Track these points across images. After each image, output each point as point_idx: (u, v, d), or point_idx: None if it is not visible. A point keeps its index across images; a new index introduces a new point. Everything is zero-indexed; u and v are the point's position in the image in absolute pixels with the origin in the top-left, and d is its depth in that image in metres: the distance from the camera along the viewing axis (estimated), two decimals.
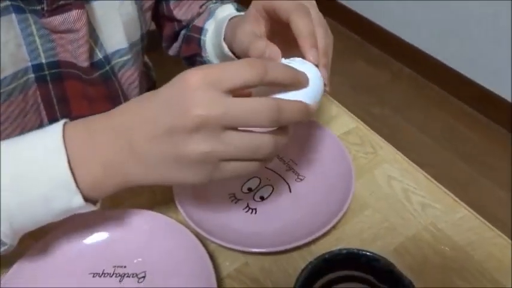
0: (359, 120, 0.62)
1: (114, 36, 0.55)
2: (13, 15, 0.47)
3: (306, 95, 0.37)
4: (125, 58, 0.58)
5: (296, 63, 0.39)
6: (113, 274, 0.44)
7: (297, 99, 0.36)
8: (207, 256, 0.42)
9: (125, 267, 0.44)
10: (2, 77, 0.48)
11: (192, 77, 0.33)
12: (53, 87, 0.54)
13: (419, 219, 0.49)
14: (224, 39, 0.55)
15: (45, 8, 0.47)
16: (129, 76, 0.60)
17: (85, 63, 0.52)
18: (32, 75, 0.52)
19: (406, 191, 0.52)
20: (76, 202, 0.36)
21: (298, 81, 0.37)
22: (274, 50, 0.40)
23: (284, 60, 0.40)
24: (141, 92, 0.63)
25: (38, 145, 0.36)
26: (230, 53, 0.54)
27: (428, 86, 1.96)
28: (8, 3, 0.46)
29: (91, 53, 0.53)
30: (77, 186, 0.35)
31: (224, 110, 0.32)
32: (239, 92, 0.34)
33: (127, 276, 0.43)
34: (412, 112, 1.83)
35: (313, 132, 0.56)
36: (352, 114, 0.63)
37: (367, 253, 0.38)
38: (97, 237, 0.46)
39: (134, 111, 0.36)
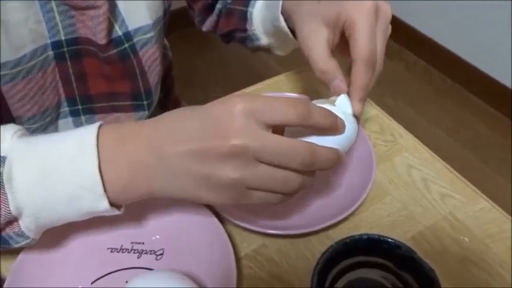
0: (379, 108, 0.61)
1: (137, 12, 0.54)
2: None
3: (339, 142, 0.38)
4: (148, 35, 0.56)
5: (335, 108, 0.39)
6: (131, 250, 0.44)
7: (329, 144, 0.36)
8: (226, 236, 0.42)
9: (142, 243, 0.44)
10: (22, 54, 0.48)
11: (237, 103, 0.33)
12: (72, 65, 0.53)
13: (438, 209, 0.49)
14: (282, 12, 0.51)
15: None
16: (151, 54, 0.59)
17: (103, 40, 0.51)
18: (51, 53, 0.51)
19: (426, 180, 0.52)
20: (101, 205, 0.35)
21: (336, 128, 0.37)
22: (341, 86, 0.42)
23: (320, 101, 0.41)
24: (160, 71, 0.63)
25: (71, 144, 0.35)
26: (287, 30, 0.52)
27: (441, 78, 1.94)
28: None
29: (110, 29, 0.52)
30: (104, 189, 0.35)
31: (261, 144, 0.32)
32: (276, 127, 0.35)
33: (145, 253, 0.44)
34: (424, 104, 1.81)
35: None
36: (372, 102, 0.62)
37: (388, 239, 0.38)
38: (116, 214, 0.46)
39: (170, 123, 0.35)
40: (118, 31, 0.54)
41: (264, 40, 0.61)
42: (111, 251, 0.44)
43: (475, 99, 1.85)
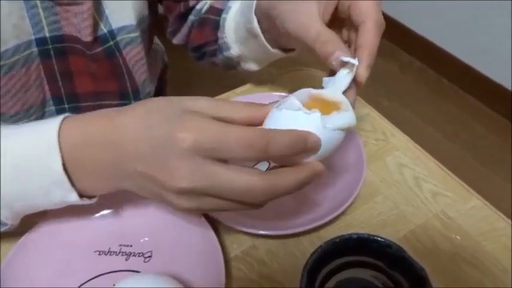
0: (371, 107, 0.61)
1: (121, 12, 0.53)
2: None
3: (313, 156, 0.34)
4: (132, 35, 0.56)
5: (310, 118, 0.32)
6: (119, 253, 0.43)
7: (302, 160, 0.33)
8: (215, 237, 0.41)
9: (131, 246, 0.44)
10: (3, 49, 0.47)
11: (182, 140, 0.30)
12: (57, 62, 0.53)
13: (429, 207, 0.48)
14: (255, 13, 0.50)
15: None
16: (136, 53, 0.58)
17: (88, 38, 0.51)
18: (35, 49, 0.50)
19: (417, 179, 0.51)
20: (72, 198, 0.36)
21: (306, 151, 0.33)
22: (343, 52, 0.38)
23: (291, 104, 0.33)
24: (150, 71, 0.62)
25: (37, 142, 0.35)
26: (259, 31, 0.50)
27: (437, 79, 1.94)
28: None
29: (95, 27, 0.52)
30: (72, 184, 0.35)
31: (210, 186, 0.30)
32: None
33: (133, 256, 0.43)
34: (420, 105, 1.81)
35: None
36: (363, 101, 0.62)
37: (378, 238, 0.37)
38: (104, 214, 0.45)
39: (131, 133, 0.33)
40: (103, 28, 0.53)
41: (234, 50, 0.58)
42: (99, 254, 0.43)
43: (472, 99, 1.85)
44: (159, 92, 0.74)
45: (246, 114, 0.34)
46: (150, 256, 0.43)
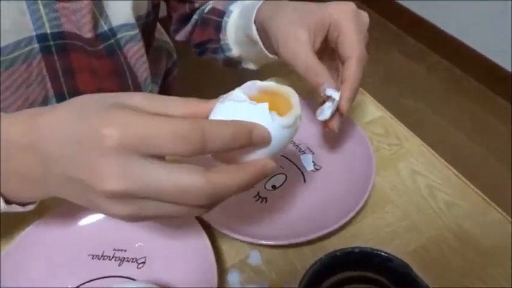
0: (385, 109, 0.58)
1: (120, 10, 0.53)
2: None
3: (259, 153, 0.30)
4: (131, 33, 0.55)
5: (257, 111, 0.29)
6: (113, 257, 0.42)
7: (250, 158, 0.30)
8: (211, 248, 0.39)
9: (125, 251, 0.42)
10: (3, 45, 0.47)
11: (107, 137, 0.26)
12: (59, 59, 0.52)
13: (443, 219, 0.45)
14: (255, 21, 0.51)
15: None
16: (136, 51, 0.58)
17: (89, 34, 0.50)
18: (36, 45, 0.50)
19: (431, 188, 0.48)
20: (1, 206, 0.33)
21: (249, 145, 0.29)
22: (329, 84, 0.42)
23: (236, 96, 0.30)
24: (153, 69, 0.61)
25: None
26: (258, 38, 0.51)
27: (465, 79, 1.87)
28: None
29: (96, 24, 0.51)
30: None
31: (141, 187, 0.26)
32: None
33: (126, 261, 0.41)
34: (444, 105, 1.75)
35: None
36: (377, 103, 0.58)
37: (382, 253, 0.35)
38: (99, 217, 0.44)
39: (52, 139, 0.29)
40: (104, 26, 0.53)
41: (235, 51, 0.60)
42: (92, 258, 0.42)
43: (500, 100, 1.77)
44: (166, 90, 0.73)
45: (189, 110, 0.30)
46: (143, 262, 0.41)
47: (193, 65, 1.77)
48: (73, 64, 0.53)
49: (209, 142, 0.27)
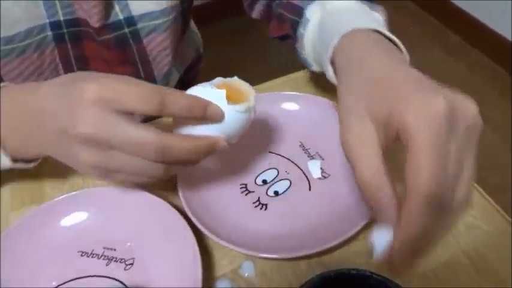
0: None
1: None
2: None
3: (219, 129, 0.36)
4: (156, 22, 0.53)
5: (215, 94, 0.35)
6: (101, 256, 0.40)
7: (208, 131, 0.35)
8: (198, 255, 0.37)
9: (114, 250, 0.41)
10: (14, 33, 0.47)
11: (87, 90, 0.32)
12: (72, 47, 0.51)
13: (459, 241, 0.41)
14: (332, 62, 0.39)
15: None
16: (159, 42, 0.55)
17: (97, 24, 0.49)
18: (49, 33, 0.49)
19: None
20: (6, 162, 0.39)
21: (203, 117, 0.34)
22: (387, 213, 0.29)
23: (207, 84, 0.37)
24: (177, 60, 0.59)
25: None
26: (335, 81, 0.39)
27: (509, 80, 1.75)
28: None
29: (108, 12, 0.49)
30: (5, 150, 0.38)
31: (109, 135, 0.32)
32: None
33: (114, 261, 0.40)
34: (486, 109, 1.65)
35: None
36: None
37: (379, 277, 0.31)
38: (94, 213, 0.43)
39: (46, 99, 0.35)
40: (119, 14, 0.51)
41: (315, 67, 0.50)
42: (81, 255, 0.41)
43: None
44: (186, 84, 0.71)
45: None
46: (131, 264, 0.40)
47: (217, 60, 1.76)
48: (86, 52, 0.52)
49: (168, 105, 0.32)
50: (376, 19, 0.43)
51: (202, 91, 0.36)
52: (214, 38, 1.83)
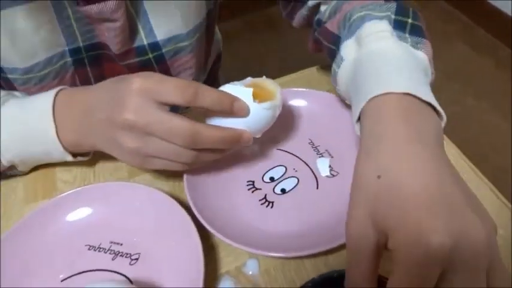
0: None
1: (168, 23, 0.51)
2: (48, 2, 0.45)
3: (245, 124, 0.39)
4: (181, 44, 0.53)
5: (244, 93, 0.39)
6: (108, 250, 0.41)
7: (235, 125, 0.39)
8: (202, 255, 0.36)
9: (121, 244, 0.41)
10: (33, 63, 0.47)
11: (133, 82, 0.36)
12: (91, 70, 0.52)
13: None
14: (359, 118, 0.36)
15: None
16: (184, 62, 0.56)
17: (120, 51, 0.49)
18: (69, 59, 0.50)
19: None
20: (68, 158, 0.44)
21: (232, 111, 0.38)
22: None
23: (237, 83, 0.41)
24: (198, 72, 0.60)
25: (35, 116, 0.42)
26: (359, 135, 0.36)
27: None
28: None
29: (132, 38, 0.50)
30: (64, 147, 0.43)
31: (147, 121, 0.36)
32: None
33: (120, 255, 0.40)
34: None
35: None
36: None
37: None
38: (99, 209, 0.43)
39: (96, 94, 0.41)
40: (143, 40, 0.51)
41: (348, 101, 0.43)
42: (89, 249, 0.41)
43: None
44: (209, 82, 0.71)
45: None
46: (136, 259, 0.40)
47: (238, 55, 1.76)
48: (105, 72, 0.53)
49: (200, 97, 0.37)
50: (420, 61, 0.38)
51: (232, 88, 0.40)
52: (235, 33, 1.83)
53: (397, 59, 0.37)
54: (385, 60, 0.37)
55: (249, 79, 0.43)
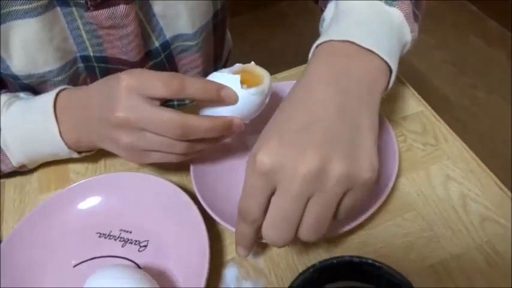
0: (426, 104, 0.52)
1: (176, 21, 0.52)
2: (58, 9, 0.46)
3: (233, 111, 0.39)
4: (187, 43, 0.55)
5: (231, 80, 0.39)
6: (118, 238, 0.42)
7: (224, 113, 0.39)
8: (207, 239, 0.38)
9: (130, 232, 0.43)
10: (47, 70, 0.49)
11: (122, 79, 0.37)
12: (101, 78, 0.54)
13: (473, 235, 0.40)
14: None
15: (89, 2, 0.45)
16: (190, 61, 0.58)
17: (137, 58, 0.50)
18: (81, 65, 0.52)
19: (465, 197, 0.43)
20: (74, 155, 0.46)
21: (220, 99, 0.38)
22: None
23: (225, 70, 0.41)
24: (205, 71, 0.61)
25: (39, 118, 0.44)
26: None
27: None
28: None
29: (146, 42, 0.51)
30: (69, 147, 0.45)
31: (139, 116, 0.37)
32: None
33: (130, 243, 0.42)
34: None
35: None
36: (419, 97, 0.53)
37: (383, 266, 0.31)
38: (113, 196, 0.45)
39: (90, 94, 0.42)
40: (155, 42, 0.52)
41: None
42: (99, 236, 0.43)
43: None
44: None
45: None
46: (145, 246, 0.42)
47: (248, 50, 1.76)
48: None
49: (186, 89, 0.37)
50: (389, 17, 0.39)
51: (219, 76, 0.40)
52: (245, 29, 1.83)
53: (359, 13, 0.39)
54: (348, 14, 0.40)
55: (237, 65, 0.42)
